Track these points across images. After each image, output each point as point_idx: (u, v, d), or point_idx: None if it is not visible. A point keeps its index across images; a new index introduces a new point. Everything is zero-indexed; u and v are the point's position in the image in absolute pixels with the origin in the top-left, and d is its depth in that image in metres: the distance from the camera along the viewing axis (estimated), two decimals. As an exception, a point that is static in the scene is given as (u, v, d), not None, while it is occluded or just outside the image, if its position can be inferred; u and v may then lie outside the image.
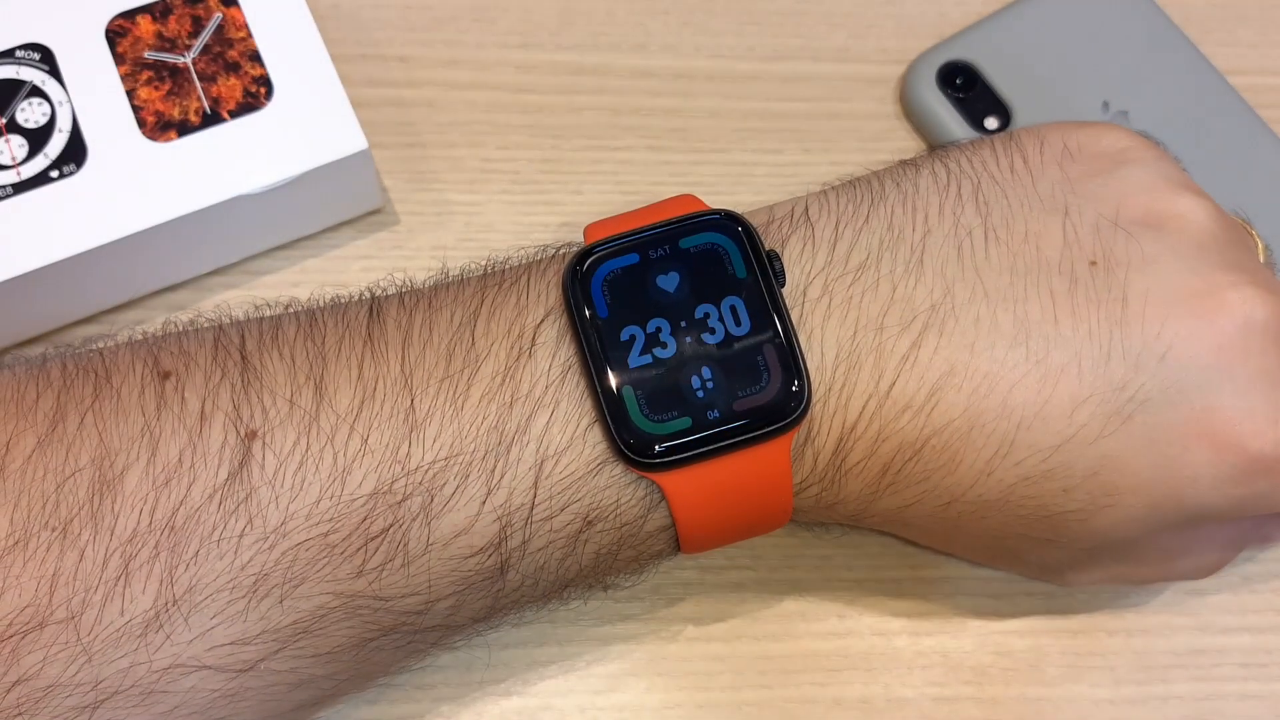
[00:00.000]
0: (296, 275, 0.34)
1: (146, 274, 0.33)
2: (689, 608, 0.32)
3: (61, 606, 0.22)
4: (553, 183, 0.36)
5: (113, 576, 0.22)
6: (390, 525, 0.23)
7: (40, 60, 0.32)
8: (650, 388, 0.24)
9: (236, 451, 0.23)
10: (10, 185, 0.30)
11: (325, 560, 0.23)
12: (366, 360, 0.24)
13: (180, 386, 0.24)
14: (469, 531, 0.24)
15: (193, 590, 0.22)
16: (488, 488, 0.24)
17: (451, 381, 0.24)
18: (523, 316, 0.25)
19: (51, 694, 0.22)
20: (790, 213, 0.27)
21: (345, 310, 0.26)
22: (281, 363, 0.24)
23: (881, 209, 0.26)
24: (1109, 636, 0.32)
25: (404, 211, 0.35)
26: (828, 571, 0.32)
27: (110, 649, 0.22)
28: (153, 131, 0.31)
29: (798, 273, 0.25)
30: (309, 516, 0.23)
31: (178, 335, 0.25)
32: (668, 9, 0.38)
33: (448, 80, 0.37)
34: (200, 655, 0.22)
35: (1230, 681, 0.31)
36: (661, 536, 0.25)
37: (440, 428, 0.24)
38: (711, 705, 0.31)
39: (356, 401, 0.24)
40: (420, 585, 0.24)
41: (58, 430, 0.23)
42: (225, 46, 0.32)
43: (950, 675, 0.31)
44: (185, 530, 0.22)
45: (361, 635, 0.24)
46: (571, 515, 0.24)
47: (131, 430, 0.23)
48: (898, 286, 0.25)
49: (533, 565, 0.25)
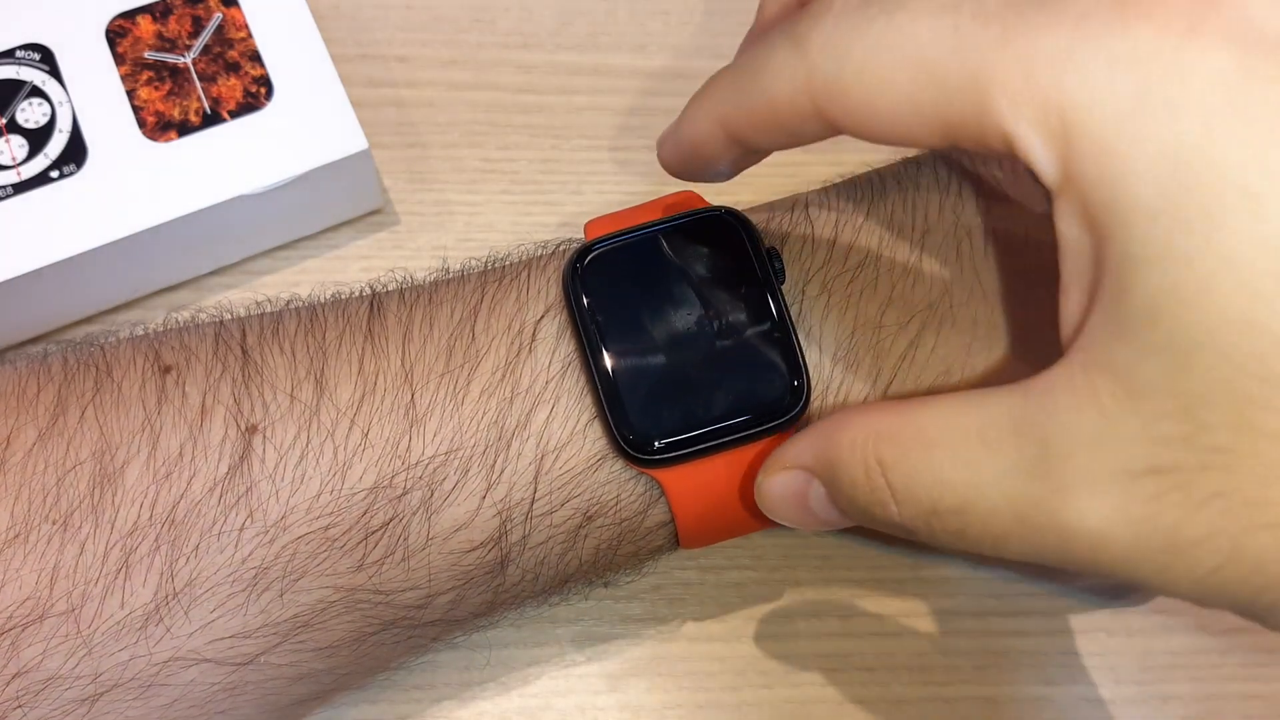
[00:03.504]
0: (296, 275, 0.34)
1: (146, 274, 0.33)
2: (689, 608, 0.32)
3: (62, 599, 0.22)
4: (553, 183, 0.36)
5: (113, 570, 0.22)
6: (390, 519, 0.23)
7: (40, 60, 0.32)
8: (649, 384, 0.24)
9: (237, 445, 0.23)
10: (10, 185, 0.30)
11: (325, 554, 0.23)
12: (367, 355, 0.24)
13: (181, 380, 0.24)
14: (469, 526, 0.24)
15: (193, 583, 0.22)
16: (488, 482, 0.24)
17: (452, 376, 0.24)
18: (523, 312, 0.25)
19: (51, 686, 0.22)
20: (790, 210, 0.27)
21: (346, 305, 0.26)
22: (282, 357, 0.24)
23: (882, 207, 0.26)
24: (1109, 636, 0.32)
25: (404, 211, 0.35)
26: (828, 571, 0.32)
27: (110, 642, 0.22)
28: (153, 132, 0.31)
29: (797, 270, 0.26)
30: (309, 510, 0.23)
31: (179, 330, 0.25)
32: (668, 9, 0.38)
33: (448, 80, 0.37)
34: (200, 648, 0.23)
35: (1230, 681, 0.31)
36: (661, 532, 0.26)
37: (441, 422, 0.24)
38: (711, 705, 0.31)
39: (357, 396, 0.24)
40: (420, 579, 0.24)
41: (58, 424, 0.23)
42: (225, 47, 0.32)
43: (950, 675, 0.31)
44: (186, 524, 0.22)
45: (362, 629, 0.24)
46: (571, 510, 0.24)
47: (132, 424, 0.23)
48: (896, 285, 0.25)
49: (533, 560, 0.25)
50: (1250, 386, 0.15)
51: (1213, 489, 0.16)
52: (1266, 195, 0.15)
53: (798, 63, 0.19)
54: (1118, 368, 0.17)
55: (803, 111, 0.20)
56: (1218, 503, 0.16)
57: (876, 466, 0.20)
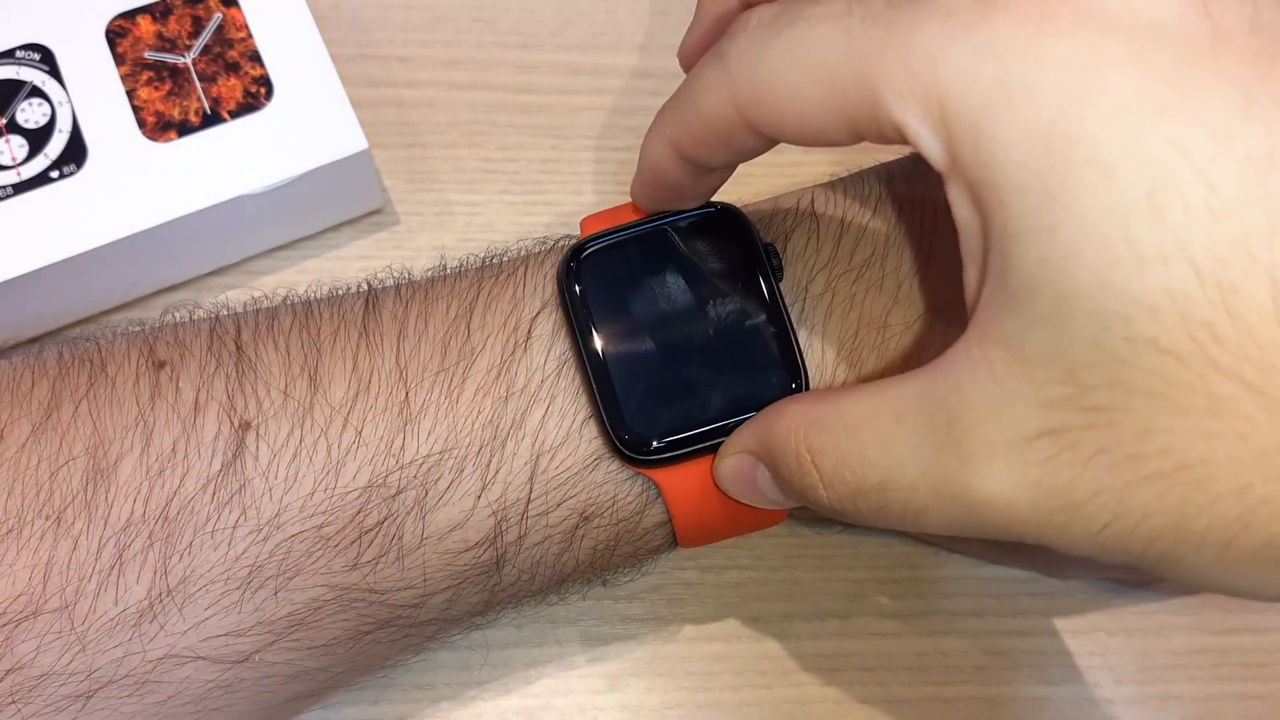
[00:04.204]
0: (296, 275, 0.34)
1: (146, 274, 0.33)
2: (689, 608, 0.32)
3: (55, 595, 0.22)
4: (553, 183, 0.36)
5: (106, 566, 0.22)
6: (384, 519, 0.23)
7: (40, 60, 0.32)
8: (646, 383, 0.24)
9: (230, 442, 0.23)
10: (10, 185, 0.30)
11: (320, 552, 0.23)
12: (361, 352, 0.24)
13: (175, 376, 0.24)
14: (464, 526, 0.24)
15: (187, 581, 0.22)
16: (483, 482, 0.24)
17: (446, 375, 0.24)
18: (519, 309, 0.25)
19: (45, 682, 0.22)
20: (796, 204, 0.27)
21: (341, 302, 0.26)
22: (276, 354, 0.24)
23: (889, 204, 0.26)
24: (1109, 636, 0.32)
25: (404, 211, 0.35)
26: (828, 571, 0.32)
27: (104, 638, 0.22)
28: (153, 132, 0.31)
29: (800, 268, 0.25)
30: (303, 509, 0.23)
31: (174, 325, 0.25)
32: (668, 9, 0.38)
33: (448, 80, 0.37)
34: (195, 646, 0.23)
35: (1230, 681, 0.31)
36: (659, 532, 0.25)
37: (435, 421, 0.24)
38: (711, 705, 0.31)
39: (351, 394, 0.24)
40: (415, 579, 0.24)
41: (52, 418, 0.23)
42: (225, 47, 0.32)
43: (950, 675, 0.31)
44: (179, 520, 0.22)
45: (357, 628, 0.24)
46: (568, 511, 0.24)
47: (125, 419, 0.23)
48: (902, 284, 0.25)
49: (529, 560, 0.25)
50: (1118, 347, 0.16)
51: (1097, 446, 0.17)
52: (1118, 165, 0.16)
53: (723, 78, 0.20)
54: (1007, 339, 0.17)
55: (732, 122, 0.21)
56: (1102, 459, 0.17)
57: (806, 453, 0.21)
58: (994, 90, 0.17)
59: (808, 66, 0.19)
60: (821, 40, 0.19)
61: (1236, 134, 0.16)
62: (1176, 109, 0.16)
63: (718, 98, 0.21)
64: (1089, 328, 0.16)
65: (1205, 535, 0.17)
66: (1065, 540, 0.18)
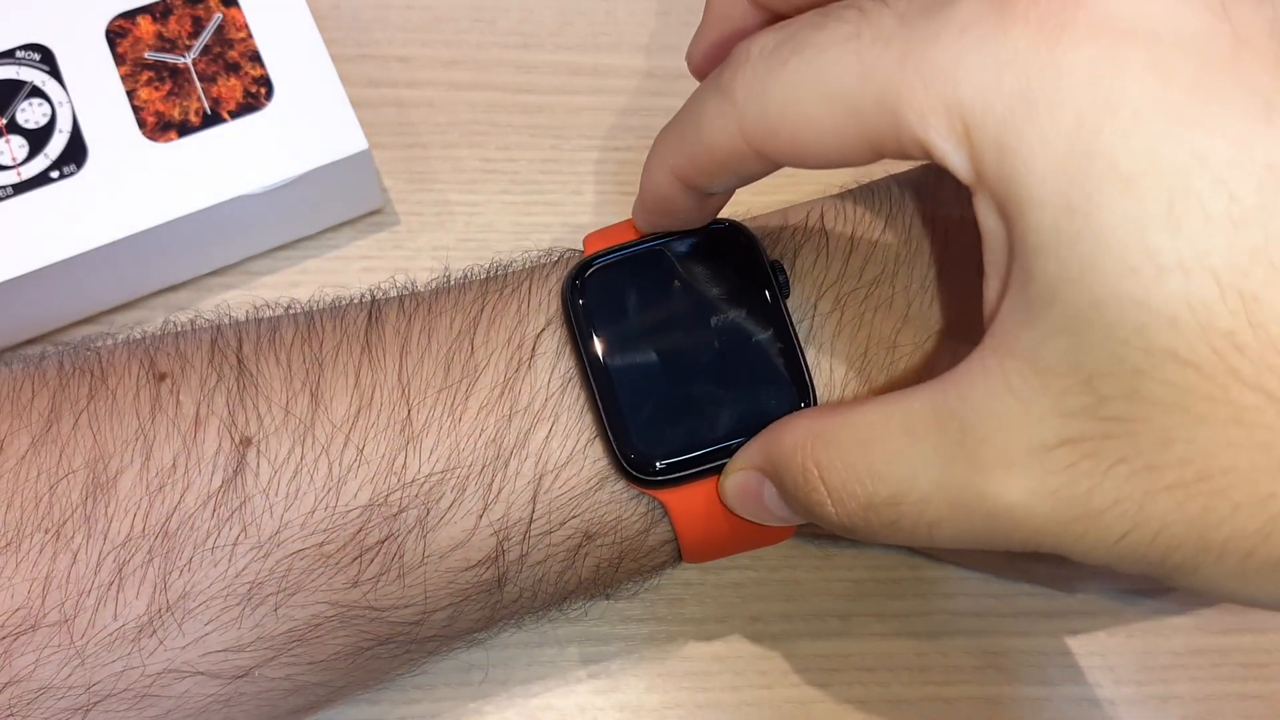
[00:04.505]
0: (296, 276, 0.34)
1: (146, 274, 0.33)
2: (689, 608, 0.32)
3: (54, 609, 0.22)
4: (553, 183, 0.36)
5: (106, 580, 0.22)
6: (386, 537, 0.23)
7: (40, 60, 0.32)
8: (652, 403, 0.23)
9: (231, 458, 0.23)
10: (10, 186, 0.30)
11: (320, 570, 0.23)
12: (364, 367, 0.24)
13: (175, 389, 0.24)
14: (465, 545, 0.24)
15: (186, 596, 0.22)
16: (484, 502, 0.23)
17: (449, 392, 0.24)
18: (523, 325, 0.25)
19: (44, 696, 0.22)
20: (805, 218, 0.26)
21: (344, 314, 0.25)
22: (278, 368, 0.24)
23: (900, 219, 0.26)
24: (1109, 636, 0.32)
25: (404, 212, 0.35)
26: (828, 571, 0.32)
27: (103, 652, 0.22)
28: (153, 132, 0.31)
29: (809, 285, 0.25)
30: (304, 526, 0.23)
31: (175, 336, 0.25)
32: (668, 9, 0.38)
33: (448, 80, 0.37)
34: (194, 661, 0.22)
35: (1230, 681, 0.31)
36: (664, 550, 0.25)
37: (437, 440, 0.23)
38: (711, 705, 0.31)
39: (353, 410, 0.23)
40: (416, 597, 0.24)
41: (52, 430, 0.23)
42: (225, 47, 0.32)
43: (950, 675, 0.31)
44: (179, 536, 0.22)
45: (357, 644, 0.24)
46: (571, 530, 0.24)
47: (126, 433, 0.23)
48: (913, 303, 0.25)
49: (531, 578, 0.25)
50: (1136, 358, 0.16)
51: (1117, 455, 0.17)
52: (1137, 175, 0.16)
53: (729, 111, 0.20)
54: (1024, 349, 0.17)
55: (742, 154, 0.20)
56: (1122, 469, 0.17)
57: (813, 469, 0.20)
58: (1015, 103, 0.17)
59: (821, 94, 0.19)
60: (832, 66, 0.19)
61: (1257, 141, 0.16)
62: (1195, 117, 0.16)
63: (724, 130, 0.20)
64: (1107, 338, 0.16)
65: (1226, 545, 0.16)
66: (1083, 549, 0.18)
